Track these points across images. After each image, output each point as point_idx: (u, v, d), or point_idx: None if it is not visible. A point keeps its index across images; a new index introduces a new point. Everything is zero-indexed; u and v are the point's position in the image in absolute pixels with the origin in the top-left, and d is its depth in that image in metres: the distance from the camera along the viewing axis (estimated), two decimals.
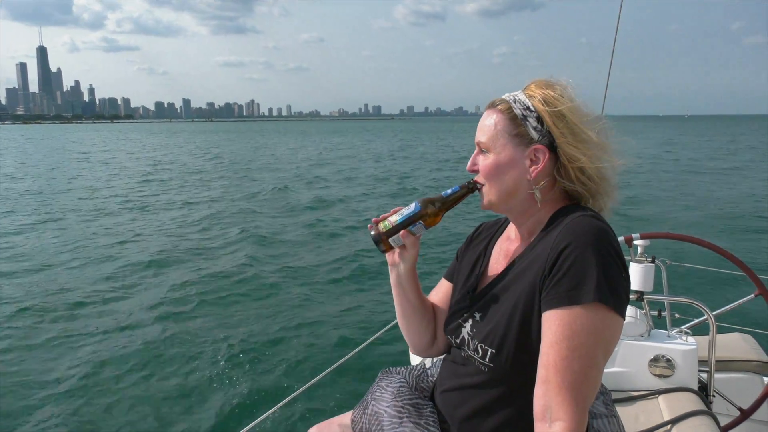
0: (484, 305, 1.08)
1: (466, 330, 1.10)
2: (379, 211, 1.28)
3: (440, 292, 1.30)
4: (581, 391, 0.88)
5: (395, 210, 1.16)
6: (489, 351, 1.02)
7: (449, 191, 1.13)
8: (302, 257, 9.23)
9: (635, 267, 1.97)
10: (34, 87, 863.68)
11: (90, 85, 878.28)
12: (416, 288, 1.24)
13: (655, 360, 1.88)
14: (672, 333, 1.99)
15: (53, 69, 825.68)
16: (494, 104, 1.08)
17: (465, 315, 1.12)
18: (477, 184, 1.10)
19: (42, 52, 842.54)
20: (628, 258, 1.99)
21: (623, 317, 0.94)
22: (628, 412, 1.75)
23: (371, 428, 1.23)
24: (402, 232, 1.13)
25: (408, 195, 16.60)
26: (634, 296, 1.96)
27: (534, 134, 1.03)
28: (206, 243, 10.34)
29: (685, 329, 2.04)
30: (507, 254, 1.14)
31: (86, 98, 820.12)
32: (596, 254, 0.91)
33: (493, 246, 1.21)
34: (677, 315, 2.15)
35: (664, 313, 2.10)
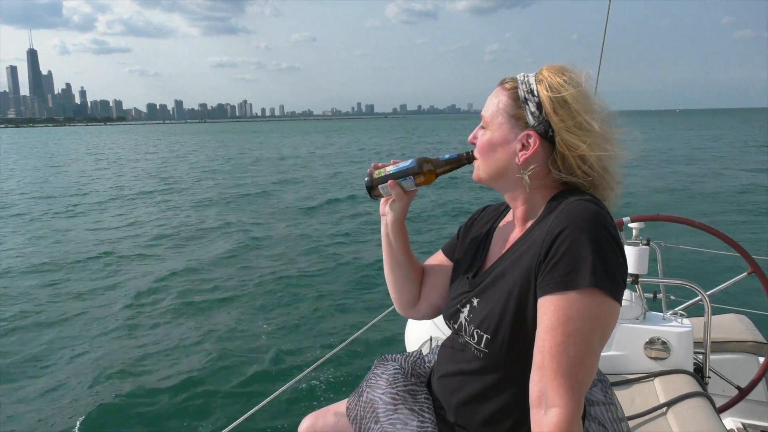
0: (481, 290, 1.08)
1: (464, 315, 1.09)
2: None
3: (434, 261, 1.31)
4: (577, 377, 0.87)
5: (394, 162, 1.20)
6: (484, 337, 1.02)
7: (447, 156, 1.16)
8: (297, 247, 9.22)
9: (630, 250, 1.96)
10: (25, 90, 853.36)
11: (81, 88, 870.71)
12: (403, 242, 1.25)
13: (651, 343, 1.88)
14: (667, 315, 1.99)
15: (44, 72, 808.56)
16: (504, 81, 1.08)
17: (463, 300, 1.12)
18: (473, 157, 1.11)
19: (32, 55, 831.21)
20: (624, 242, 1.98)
21: (620, 303, 0.93)
22: (624, 396, 1.76)
23: (366, 415, 1.23)
24: (390, 182, 1.17)
25: None
26: (630, 279, 1.96)
27: (530, 119, 1.01)
28: (196, 234, 10.32)
29: (680, 311, 2.04)
30: (506, 239, 1.13)
31: (78, 101, 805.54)
32: (592, 239, 0.90)
33: (495, 230, 1.20)
34: (672, 297, 2.15)
35: (660, 296, 2.10)
